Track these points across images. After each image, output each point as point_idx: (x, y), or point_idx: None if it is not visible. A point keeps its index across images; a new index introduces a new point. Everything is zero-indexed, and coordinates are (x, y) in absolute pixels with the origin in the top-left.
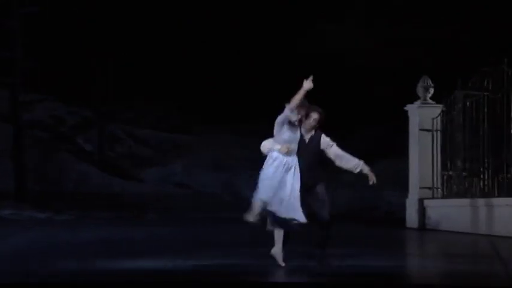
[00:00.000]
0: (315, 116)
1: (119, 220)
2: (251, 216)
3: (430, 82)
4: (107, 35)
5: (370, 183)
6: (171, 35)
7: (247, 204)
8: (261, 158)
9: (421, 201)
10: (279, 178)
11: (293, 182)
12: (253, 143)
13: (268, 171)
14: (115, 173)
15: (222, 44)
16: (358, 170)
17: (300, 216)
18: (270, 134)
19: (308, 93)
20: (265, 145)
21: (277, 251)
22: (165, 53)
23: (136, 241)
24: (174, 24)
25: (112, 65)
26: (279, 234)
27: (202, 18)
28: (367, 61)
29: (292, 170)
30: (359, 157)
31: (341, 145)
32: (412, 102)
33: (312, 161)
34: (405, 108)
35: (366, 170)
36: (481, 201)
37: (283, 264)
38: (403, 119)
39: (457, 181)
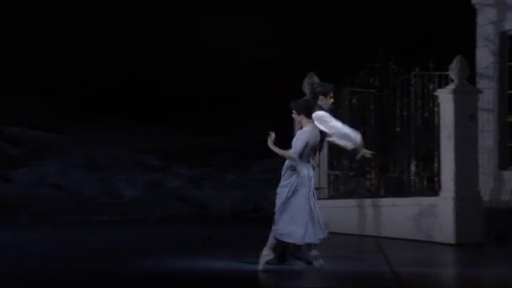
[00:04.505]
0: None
1: None
2: None
3: (316, 79)
4: None
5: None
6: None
7: (126, 207)
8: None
9: None
10: None
11: None
12: (122, 141)
13: None
14: None
15: (96, 39)
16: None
17: None
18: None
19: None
20: None
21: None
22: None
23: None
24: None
25: None
26: None
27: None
28: (254, 57)
29: None
30: (240, 157)
31: (220, 143)
32: None
33: None
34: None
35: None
36: (367, 202)
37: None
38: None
39: (343, 181)
